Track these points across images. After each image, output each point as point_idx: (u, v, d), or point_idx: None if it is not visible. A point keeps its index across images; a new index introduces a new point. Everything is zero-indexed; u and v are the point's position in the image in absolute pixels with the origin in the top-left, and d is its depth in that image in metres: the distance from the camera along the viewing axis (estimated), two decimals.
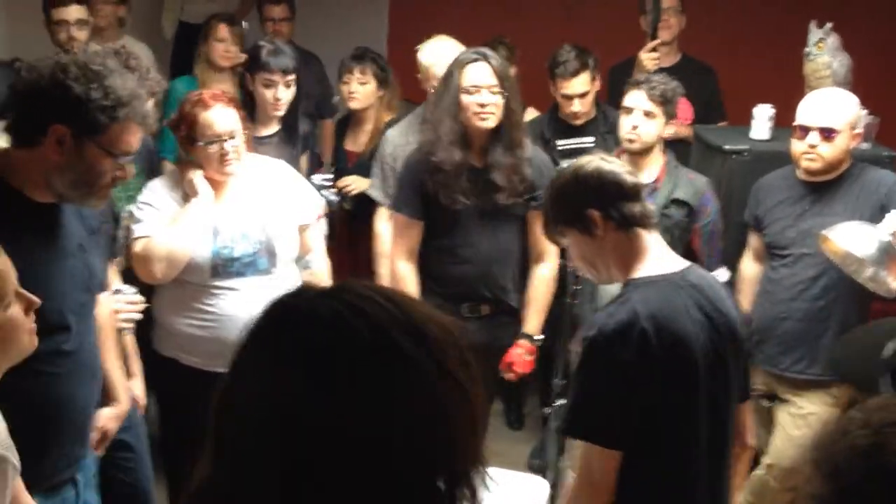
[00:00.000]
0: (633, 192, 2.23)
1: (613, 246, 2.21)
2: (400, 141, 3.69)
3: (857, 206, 3.19)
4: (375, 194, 3.78)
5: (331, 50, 4.66)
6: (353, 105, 4.14)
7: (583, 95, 3.94)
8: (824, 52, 3.86)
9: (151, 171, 3.28)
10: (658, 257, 2.24)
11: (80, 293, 2.24)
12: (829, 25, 3.88)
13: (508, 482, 2.78)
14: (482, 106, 3.14)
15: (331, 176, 3.77)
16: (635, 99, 3.44)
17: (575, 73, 3.90)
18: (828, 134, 3.18)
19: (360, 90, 4.11)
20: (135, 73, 2.88)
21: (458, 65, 3.21)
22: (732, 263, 3.53)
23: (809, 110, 3.23)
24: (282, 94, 3.62)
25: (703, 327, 2.14)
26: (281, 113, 3.66)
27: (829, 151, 3.19)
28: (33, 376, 2.04)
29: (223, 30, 4.38)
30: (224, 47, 4.36)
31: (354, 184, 4.05)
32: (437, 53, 3.69)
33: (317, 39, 5.07)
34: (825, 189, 3.27)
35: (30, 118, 2.08)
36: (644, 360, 2.03)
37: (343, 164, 4.24)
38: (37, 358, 1.93)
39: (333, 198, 3.65)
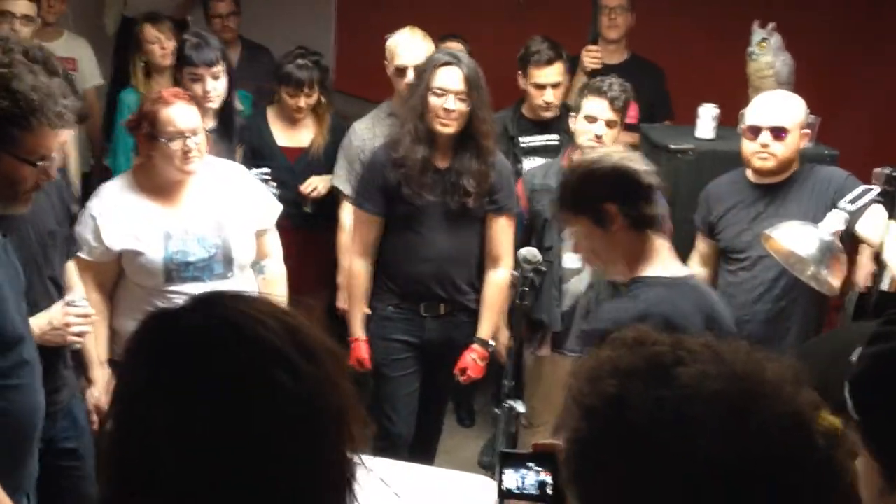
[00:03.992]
0: (650, 194, 2.23)
1: (623, 242, 2.22)
2: (367, 135, 3.68)
3: (809, 206, 3.20)
4: (342, 186, 3.75)
5: (278, 46, 4.60)
6: (299, 116, 3.99)
7: (556, 86, 3.96)
8: (767, 51, 3.91)
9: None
10: (665, 260, 2.26)
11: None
12: (771, 25, 3.93)
13: (455, 482, 2.79)
14: (447, 111, 3.14)
15: (268, 170, 3.70)
16: (598, 108, 3.44)
17: (550, 62, 3.92)
18: (779, 133, 3.21)
19: (306, 103, 3.98)
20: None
21: (431, 64, 3.20)
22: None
23: (760, 110, 3.27)
24: (210, 86, 3.53)
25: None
26: (215, 105, 3.57)
27: (781, 150, 3.22)
28: (4, 392, 2.00)
29: (150, 30, 4.23)
30: (159, 47, 4.20)
31: (320, 185, 3.95)
32: (401, 39, 3.68)
33: (263, 35, 5.02)
34: (778, 190, 3.30)
35: None
36: None
37: (282, 162, 4.00)
38: (4, 374, 1.89)
39: (275, 191, 3.61)
